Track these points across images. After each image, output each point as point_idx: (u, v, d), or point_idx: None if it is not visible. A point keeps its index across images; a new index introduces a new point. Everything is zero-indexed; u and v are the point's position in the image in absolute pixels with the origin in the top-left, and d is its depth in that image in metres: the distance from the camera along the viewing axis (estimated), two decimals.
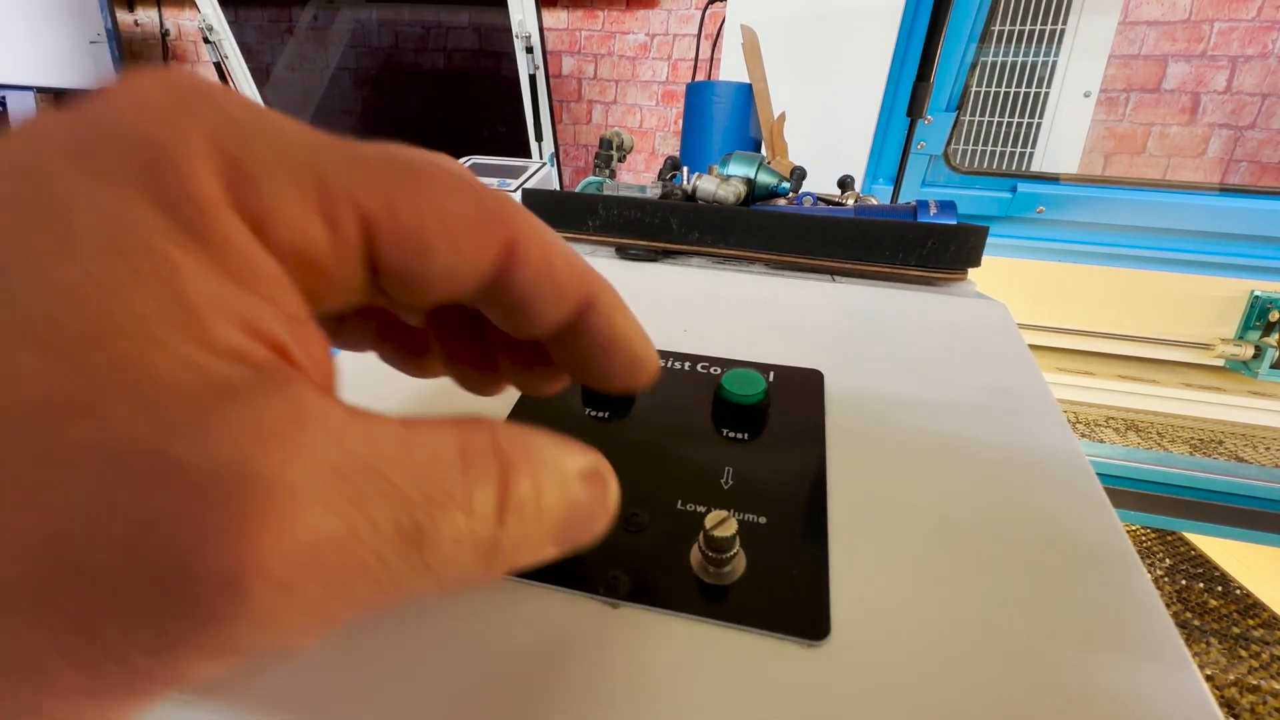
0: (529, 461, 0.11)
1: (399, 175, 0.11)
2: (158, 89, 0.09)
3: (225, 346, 0.08)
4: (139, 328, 0.08)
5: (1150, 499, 0.99)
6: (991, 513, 0.20)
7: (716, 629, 0.16)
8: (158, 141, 0.09)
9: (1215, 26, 1.51)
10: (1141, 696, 0.15)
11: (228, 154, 0.09)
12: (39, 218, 0.08)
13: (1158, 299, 1.18)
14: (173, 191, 0.09)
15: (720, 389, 0.24)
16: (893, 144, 1.26)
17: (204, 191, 0.09)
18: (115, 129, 0.09)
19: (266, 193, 0.09)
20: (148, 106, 0.09)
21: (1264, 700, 0.86)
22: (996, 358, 0.29)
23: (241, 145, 0.09)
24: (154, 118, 0.09)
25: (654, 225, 0.40)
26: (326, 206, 0.10)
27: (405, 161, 0.11)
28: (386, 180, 0.10)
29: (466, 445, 0.10)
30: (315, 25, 1.72)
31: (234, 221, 0.09)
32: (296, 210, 0.10)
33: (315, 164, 0.10)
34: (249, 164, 0.09)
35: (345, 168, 0.10)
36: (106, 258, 0.08)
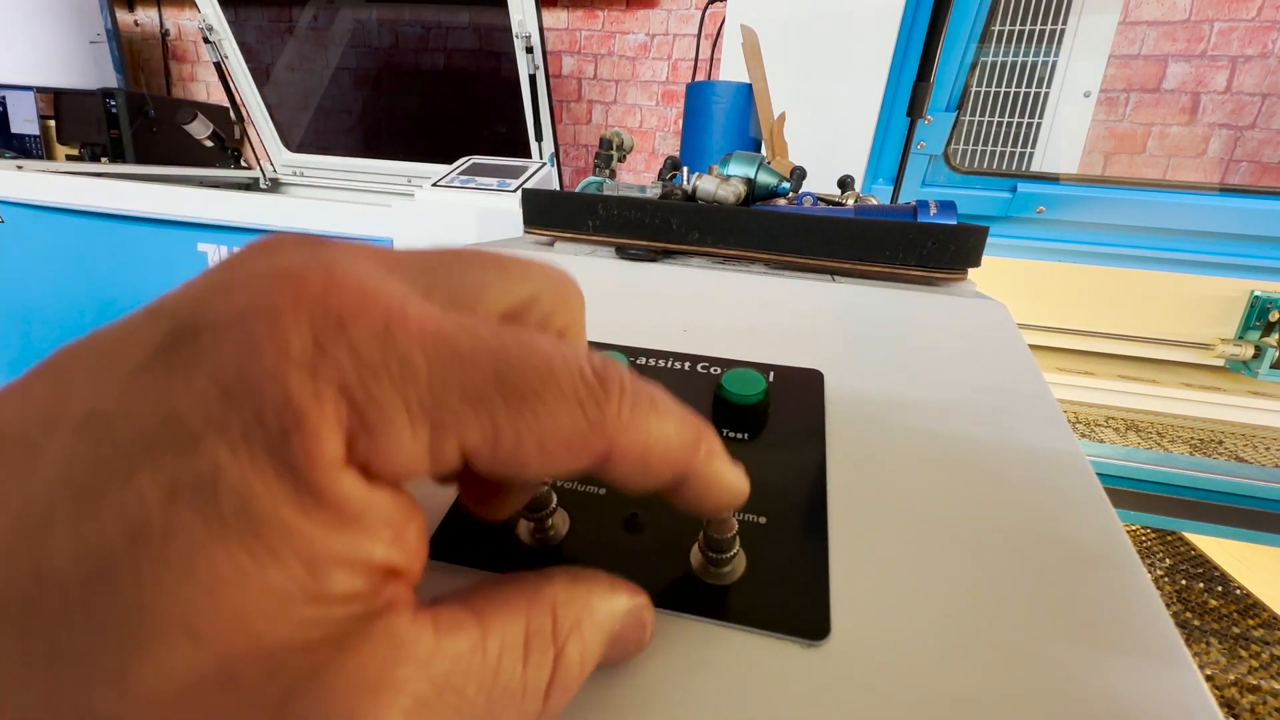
0: (578, 629, 0.13)
1: (508, 402, 0.11)
2: (298, 321, 0.10)
3: (342, 594, 0.10)
4: (272, 604, 0.09)
5: (1150, 499, 0.99)
6: (991, 513, 0.20)
7: (716, 629, 0.16)
8: (293, 406, 0.10)
9: (1215, 26, 1.51)
10: (1141, 696, 0.15)
11: (355, 404, 0.10)
12: (188, 499, 0.09)
13: (1158, 299, 1.18)
14: (301, 460, 0.09)
15: (720, 389, 0.24)
16: (893, 144, 1.26)
17: (328, 456, 0.10)
18: (255, 384, 0.09)
19: (382, 444, 0.10)
20: (287, 354, 0.10)
21: (1264, 700, 0.86)
22: (996, 358, 0.29)
23: (367, 393, 0.10)
24: (293, 374, 0.10)
25: (654, 225, 0.40)
26: (435, 447, 0.11)
27: (517, 380, 0.11)
28: (493, 412, 0.11)
29: (530, 632, 0.12)
30: (315, 25, 1.72)
31: (351, 481, 0.10)
32: (407, 455, 0.11)
33: (430, 405, 0.11)
34: (372, 414, 0.10)
35: (458, 401, 0.11)
36: (247, 541, 0.09)
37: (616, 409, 0.12)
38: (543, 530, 0.18)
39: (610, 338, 0.30)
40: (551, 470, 0.12)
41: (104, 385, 0.10)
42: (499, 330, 0.12)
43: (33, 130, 2.05)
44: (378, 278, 0.11)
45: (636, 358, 0.28)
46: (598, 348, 0.27)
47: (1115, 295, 1.20)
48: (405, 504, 0.11)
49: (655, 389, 0.13)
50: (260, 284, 0.10)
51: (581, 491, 0.20)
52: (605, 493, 0.20)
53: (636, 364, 0.27)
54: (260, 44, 1.68)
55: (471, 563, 0.18)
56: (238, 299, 0.10)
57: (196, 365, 0.10)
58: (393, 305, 0.11)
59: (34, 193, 1.13)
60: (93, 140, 1.87)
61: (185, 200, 1.07)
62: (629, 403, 0.12)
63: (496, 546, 0.18)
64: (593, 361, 0.12)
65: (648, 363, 0.27)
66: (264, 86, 1.66)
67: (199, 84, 2.38)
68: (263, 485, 0.09)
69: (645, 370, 0.27)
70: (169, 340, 0.10)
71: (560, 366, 0.12)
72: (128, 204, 1.09)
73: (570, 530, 0.19)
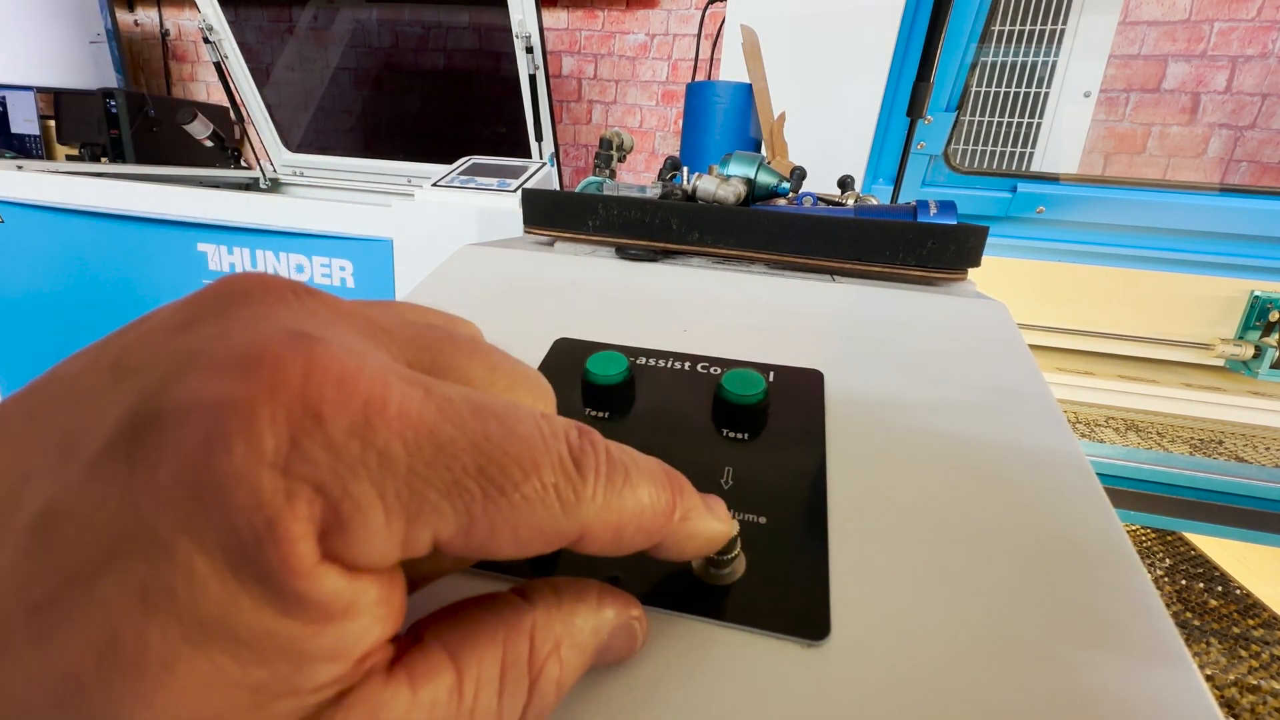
0: (557, 653, 0.13)
1: (486, 495, 0.11)
2: (273, 417, 0.09)
3: (327, 682, 0.10)
4: (255, 700, 0.09)
5: (1150, 499, 0.99)
6: (991, 512, 0.20)
7: (717, 629, 0.16)
8: (264, 512, 0.09)
9: (1215, 26, 1.51)
10: (1141, 696, 0.15)
11: (330, 500, 0.09)
12: (163, 606, 0.09)
13: (1158, 299, 1.18)
14: (277, 568, 0.09)
15: (720, 389, 0.24)
16: (893, 144, 1.26)
17: (303, 561, 0.09)
18: (224, 486, 0.09)
19: (354, 540, 0.10)
20: (260, 453, 0.09)
21: (1264, 700, 0.86)
22: (996, 358, 0.29)
23: (343, 489, 0.10)
24: (265, 475, 0.09)
25: (654, 225, 0.40)
26: (409, 538, 0.10)
27: (497, 473, 0.11)
28: (470, 504, 0.11)
29: (506, 663, 0.12)
30: (315, 25, 1.72)
31: (333, 578, 0.10)
32: (379, 548, 0.10)
33: (407, 499, 0.10)
34: (346, 510, 0.10)
35: (436, 494, 0.10)
36: (229, 645, 0.09)
37: (592, 493, 0.12)
38: None
39: (610, 338, 0.30)
40: (522, 555, 0.12)
41: (60, 474, 0.09)
42: (481, 409, 0.11)
43: (33, 130, 2.05)
44: (358, 355, 0.11)
45: (636, 358, 0.28)
46: (599, 348, 0.27)
47: (1115, 295, 1.20)
48: (388, 579, 0.11)
49: (629, 456, 0.13)
50: (232, 366, 0.10)
51: None
52: None
53: (636, 364, 0.27)
54: (260, 44, 1.67)
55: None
56: (207, 383, 0.09)
57: (161, 458, 0.09)
58: (373, 393, 0.10)
59: (34, 193, 1.13)
60: (93, 140, 1.87)
61: (185, 200, 1.07)
62: (604, 484, 0.12)
63: None
64: (570, 441, 0.12)
65: (648, 363, 0.27)
66: (264, 86, 1.66)
67: (199, 84, 2.38)
68: (243, 592, 0.09)
69: (645, 370, 0.27)
70: (130, 425, 0.09)
71: (541, 453, 0.11)
72: (128, 204, 1.09)
73: None
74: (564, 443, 0.12)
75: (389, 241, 1.03)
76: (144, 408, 0.09)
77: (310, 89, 1.78)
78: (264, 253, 1.09)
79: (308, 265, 1.08)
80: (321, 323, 0.12)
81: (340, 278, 1.08)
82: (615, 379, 0.24)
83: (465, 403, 0.11)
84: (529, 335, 0.30)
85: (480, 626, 0.12)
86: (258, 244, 1.09)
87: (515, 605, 0.13)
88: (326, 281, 1.09)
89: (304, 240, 1.07)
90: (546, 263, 0.39)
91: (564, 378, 0.26)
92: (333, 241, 1.06)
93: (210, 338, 0.10)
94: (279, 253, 1.09)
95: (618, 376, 0.24)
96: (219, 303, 0.11)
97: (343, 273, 1.08)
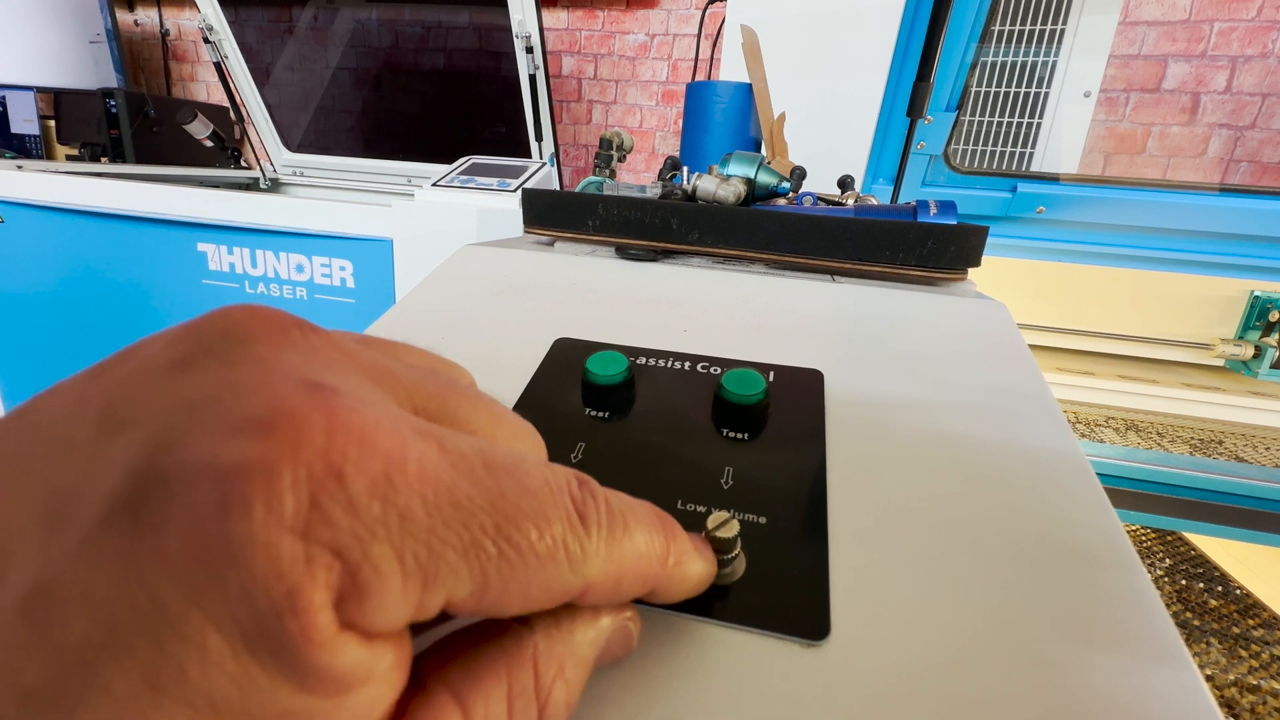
0: (562, 674, 0.12)
1: (502, 554, 0.10)
2: (295, 479, 0.09)
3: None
4: None
5: (1150, 499, 0.99)
6: (991, 513, 0.20)
7: (717, 629, 0.16)
8: (285, 582, 0.08)
9: (1215, 26, 1.51)
10: (1141, 696, 0.15)
11: (349, 565, 0.09)
12: (174, 692, 0.08)
13: (1158, 299, 1.18)
14: (298, 642, 0.08)
15: (720, 389, 0.24)
16: (893, 144, 1.26)
17: (323, 632, 0.09)
18: (241, 554, 0.08)
19: (371, 606, 0.09)
20: (280, 517, 0.09)
21: (1264, 700, 0.86)
22: (996, 358, 0.29)
23: (363, 553, 0.09)
24: (284, 541, 0.08)
25: (654, 225, 0.40)
26: (424, 603, 0.10)
27: (513, 531, 0.11)
28: (485, 565, 0.10)
29: (513, 695, 0.12)
30: (315, 25, 1.72)
31: (352, 648, 0.09)
32: (395, 613, 0.10)
33: (426, 560, 0.10)
34: (365, 575, 0.09)
35: (455, 555, 0.10)
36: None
37: (595, 546, 0.12)
38: None
39: (610, 338, 0.30)
40: (525, 612, 0.12)
41: (50, 544, 0.08)
42: (492, 463, 0.11)
43: (33, 130, 2.06)
44: (375, 408, 0.10)
45: (636, 358, 0.28)
46: (599, 348, 0.27)
47: (1115, 295, 1.20)
48: (399, 640, 0.10)
49: (624, 504, 0.13)
50: (248, 423, 0.09)
51: None
52: None
53: (636, 364, 0.27)
54: (260, 44, 1.67)
55: None
56: (220, 441, 0.09)
57: (169, 525, 0.08)
58: (393, 450, 0.10)
59: (34, 193, 1.13)
60: (93, 140, 1.87)
61: (185, 200, 1.07)
62: (605, 535, 0.12)
63: None
64: (573, 493, 0.12)
65: (648, 363, 0.27)
66: (264, 86, 1.66)
67: (199, 84, 2.37)
68: (259, 669, 0.08)
69: (645, 370, 0.27)
70: (133, 488, 0.09)
71: (551, 508, 0.11)
72: (128, 204, 1.09)
73: None
74: (568, 495, 0.12)
75: (389, 241, 1.03)
76: (148, 468, 0.09)
77: (310, 89, 1.78)
78: (264, 253, 1.09)
79: (308, 265, 1.08)
80: (329, 366, 0.11)
81: (340, 278, 1.08)
82: (615, 379, 0.24)
83: (478, 456, 0.11)
84: (529, 335, 0.30)
85: (481, 661, 0.12)
86: (258, 244, 1.09)
87: (515, 633, 0.12)
88: (326, 281, 1.09)
89: (304, 240, 1.07)
90: (546, 263, 0.39)
91: (564, 378, 0.26)
92: (333, 241, 1.06)
93: (217, 386, 0.10)
94: (279, 253, 1.09)
95: (618, 376, 0.24)
96: (218, 341, 0.11)
97: (343, 273, 1.08)
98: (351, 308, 1.09)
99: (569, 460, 0.22)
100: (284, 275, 1.10)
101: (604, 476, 0.21)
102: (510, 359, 0.28)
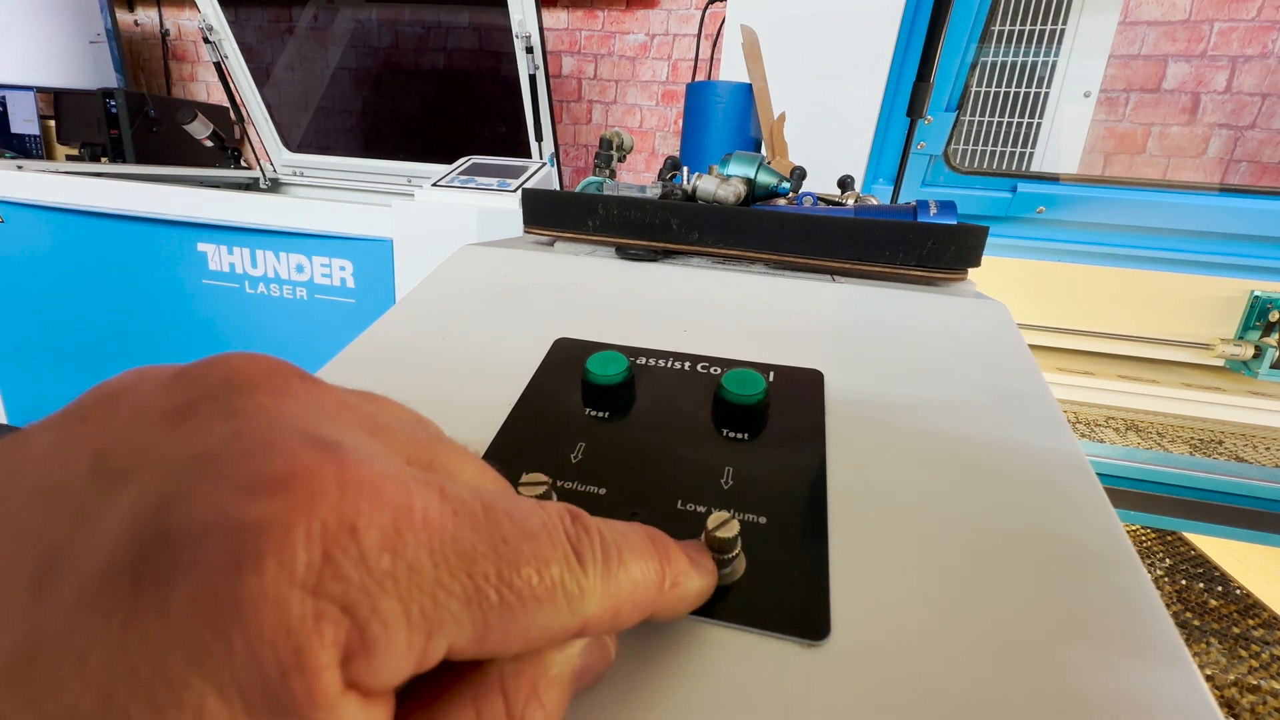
0: (535, 695, 0.12)
1: (504, 601, 0.10)
2: (309, 535, 0.09)
3: None
4: None
5: (1150, 499, 0.99)
6: (991, 513, 0.20)
7: (717, 629, 0.16)
8: (293, 640, 0.08)
9: (1215, 26, 1.51)
10: (1141, 696, 0.15)
11: (357, 621, 0.09)
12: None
13: (1158, 299, 1.18)
14: (302, 703, 0.08)
15: (720, 389, 0.24)
16: (893, 144, 1.26)
17: (328, 692, 0.08)
18: (250, 613, 0.08)
19: (378, 662, 0.09)
20: (291, 574, 0.08)
21: (1264, 700, 0.86)
22: (996, 358, 0.29)
23: (372, 608, 0.09)
24: (294, 597, 0.08)
25: (654, 225, 0.40)
26: (426, 654, 0.10)
27: (514, 577, 0.11)
28: (487, 613, 0.10)
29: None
30: (315, 25, 1.72)
31: (353, 708, 0.09)
32: (399, 667, 0.09)
33: (431, 612, 0.10)
34: (374, 631, 0.09)
35: (459, 605, 0.10)
36: None
37: (592, 585, 0.12)
38: None
39: (610, 338, 0.30)
40: (527, 649, 0.11)
41: (40, 605, 0.08)
42: (491, 508, 0.11)
43: (33, 130, 2.06)
44: (381, 460, 0.10)
45: (636, 358, 0.28)
46: (599, 348, 0.27)
47: (1115, 295, 1.20)
48: (392, 695, 0.10)
49: (617, 533, 0.13)
50: (260, 479, 0.09)
51: (582, 491, 0.20)
52: (605, 493, 0.20)
53: (636, 364, 0.27)
54: (260, 44, 1.67)
55: None
56: (230, 498, 0.09)
57: (174, 584, 0.08)
58: (400, 502, 0.10)
59: (34, 193, 1.13)
60: (93, 140, 1.87)
61: (185, 200, 1.07)
62: (601, 570, 0.12)
63: None
64: (567, 530, 0.12)
65: (648, 363, 0.27)
66: (264, 86, 1.66)
67: (199, 84, 2.37)
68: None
69: (645, 370, 0.27)
70: (135, 546, 0.08)
71: (549, 549, 0.11)
72: (128, 204, 1.09)
73: None
74: (563, 533, 0.12)
75: (389, 241, 1.03)
76: (152, 524, 0.08)
77: (310, 89, 1.78)
78: (264, 253, 1.09)
79: (308, 265, 1.08)
80: (331, 420, 0.11)
81: (340, 278, 1.08)
82: (615, 379, 0.24)
83: (477, 501, 0.11)
84: (529, 335, 0.30)
85: (447, 697, 0.11)
86: (258, 244, 1.09)
87: (479, 662, 0.12)
88: (326, 281, 1.09)
89: (304, 240, 1.07)
90: (546, 263, 0.39)
91: (564, 378, 0.26)
92: (333, 241, 1.06)
93: (221, 438, 0.10)
94: (279, 253, 1.09)
95: (618, 376, 0.24)
96: (220, 389, 0.11)
97: (343, 273, 1.08)
98: (351, 308, 1.09)
99: (569, 460, 0.22)
100: (284, 275, 1.10)
101: (604, 477, 0.22)
102: (510, 359, 0.28)
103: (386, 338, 0.30)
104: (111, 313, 1.19)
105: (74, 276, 1.18)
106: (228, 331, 1.15)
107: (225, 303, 1.13)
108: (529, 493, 0.17)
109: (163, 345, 1.17)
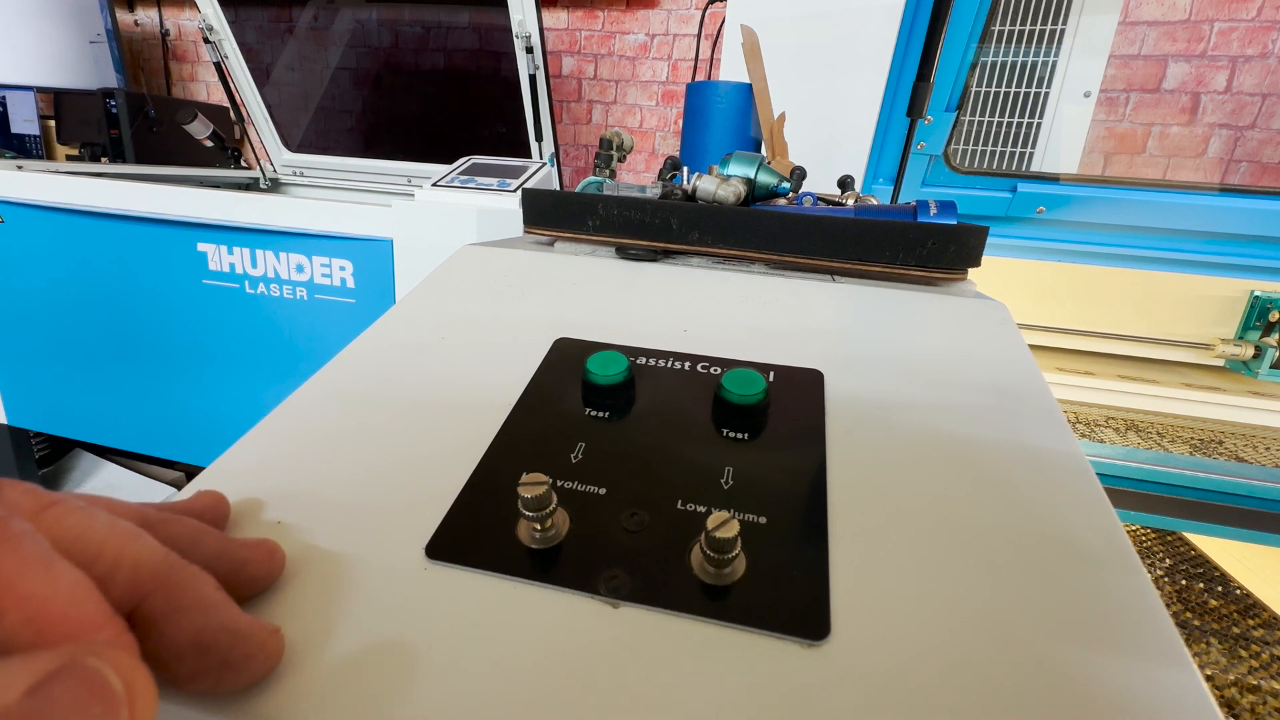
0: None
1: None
2: None
3: None
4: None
5: (1150, 499, 0.99)
6: (991, 513, 0.20)
7: (717, 629, 0.16)
8: None
9: (1215, 26, 1.51)
10: (1141, 696, 0.15)
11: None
12: None
13: (1158, 299, 1.18)
14: None
15: (720, 389, 0.24)
16: (893, 144, 1.26)
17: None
18: None
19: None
20: None
21: (1264, 700, 0.86)
22: (996, 358, 0.29)
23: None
24: None
25: (654, 225, 0.40)
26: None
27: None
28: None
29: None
30: (315, 25, 1.71)
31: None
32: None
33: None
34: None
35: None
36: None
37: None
38: (543, 530, 0.18)
39: (611, 338, 0.30)
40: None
41: None
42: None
43: (33, 130, 2.05)
44: None
45: (636, 358, 0.28)
46: (599, 348, 0.27)
47: (1115, 295, 1.20)
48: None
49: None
50: None
51: (582, 492, 0.20)
52: (605, 493, 0.20)
53: (636, 364, 0.27)
54: (260, 44, 1.67)
55: (473, 563, 0.18)
56: None
57: None
58: None
59: (34, 193, 1.13)
60: (93, 140, 1.87)
61: (185, 200, 1.07)
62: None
63: (497, 548, 0.18)
64: None
65: (648, 363, 0.27)
66: (264, 86, 1.66)
67: (199, 84, 2.37)
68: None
69: (645, 370, 0.27)
70: None
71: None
72: (128, 204, 1.09)
73: (570, 530, 0.19)
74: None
75: (389, 241, 1.03)
76: None
77: (310, 89, 1.78)
78: (264, 253, 1.09)
79: (308, 265, 1.08)
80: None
81: (340, 278, 1.08)
82: (615, 379, 0.24)
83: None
84: (529, 335, 0.30)
85: None
86: (258, 244, 1.09)
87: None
88: (327, 281, 1.09)
89: (304, 240, 1.07)
90: (546, 263, 0.39)
91: (564, 378, 0.26)
92: (333, 241, 1.06)
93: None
94: (279, 253, 1.09)
95: (618, 376, 0.24)
96: None
97: (343, 273, 1.08)
98: (351, 308, 1.09)
99: (569, 460, 0.22)
100: (284, 275, 1.10)
101: (604, 476, 0.21)
102: (510, 359, 0.28)
103: (386, 338, 0.30)
104: (111, 313, 1.19)
105: (74, 276, 1.18)
106: (228, 332, 1.15)
107: (225, 303, 1.13)
108: (529, 492, 0.17)
109: (163, 345, 1.17)
